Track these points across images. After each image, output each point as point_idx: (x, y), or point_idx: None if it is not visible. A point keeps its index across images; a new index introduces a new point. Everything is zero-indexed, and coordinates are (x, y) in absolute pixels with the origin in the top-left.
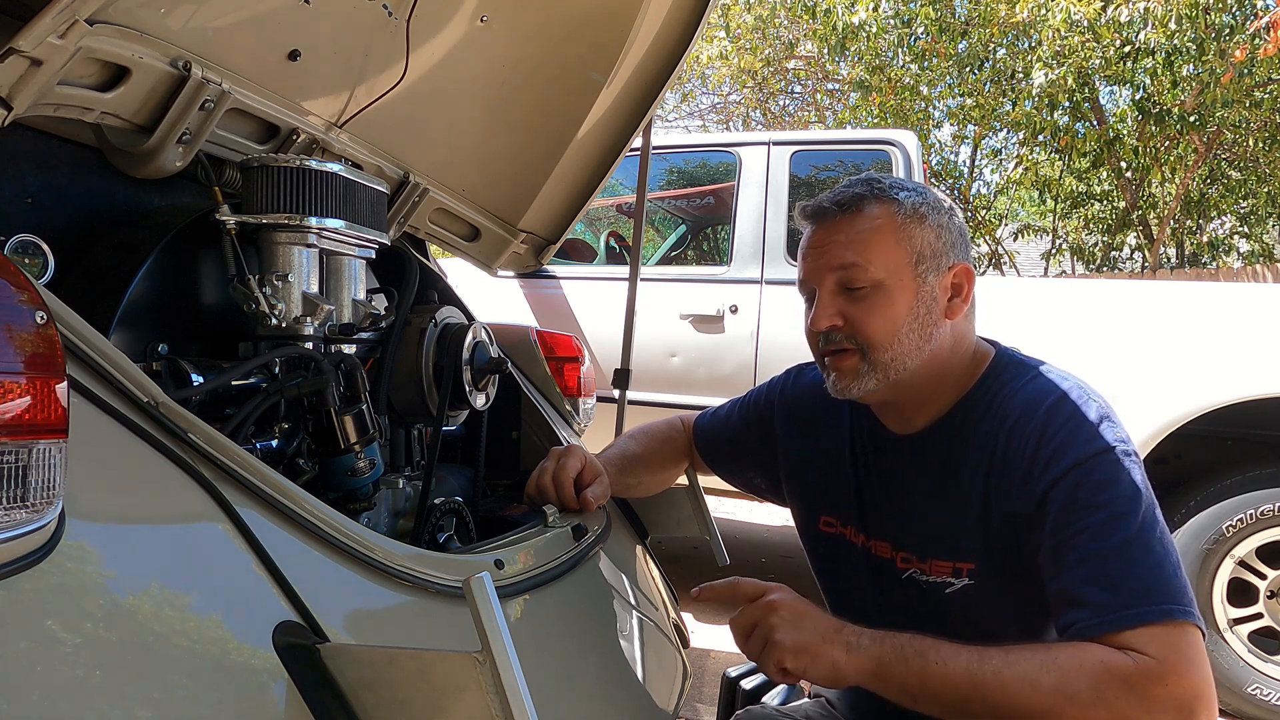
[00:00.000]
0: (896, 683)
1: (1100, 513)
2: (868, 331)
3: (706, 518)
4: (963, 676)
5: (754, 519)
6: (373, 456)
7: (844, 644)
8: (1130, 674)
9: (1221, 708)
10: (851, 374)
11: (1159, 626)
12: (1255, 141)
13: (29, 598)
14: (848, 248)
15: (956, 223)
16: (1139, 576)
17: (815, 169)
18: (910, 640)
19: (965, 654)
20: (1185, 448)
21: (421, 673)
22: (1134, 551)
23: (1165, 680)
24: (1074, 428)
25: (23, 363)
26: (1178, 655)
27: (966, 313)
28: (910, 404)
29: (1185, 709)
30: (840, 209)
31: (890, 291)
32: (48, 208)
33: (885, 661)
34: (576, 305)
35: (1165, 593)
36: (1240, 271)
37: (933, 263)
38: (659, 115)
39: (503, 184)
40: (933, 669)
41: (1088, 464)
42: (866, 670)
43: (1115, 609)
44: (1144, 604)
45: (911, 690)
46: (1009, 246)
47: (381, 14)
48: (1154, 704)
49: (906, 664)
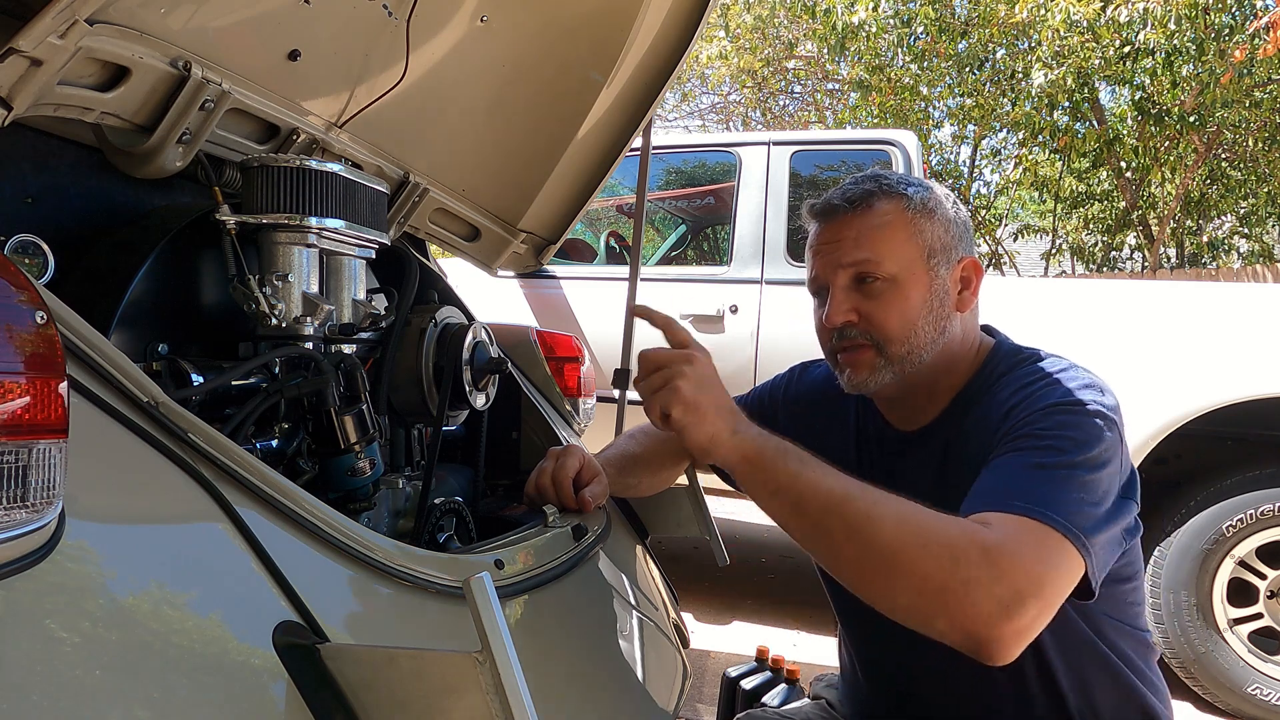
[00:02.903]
0: (765, 477)
1: (1039, 441)
2: (884, 326)
3: (706, 518)
4: (835, 492)
5: (754, 519)
6: (373, 456)
7: (732, 424)
8: (986, 540)
9: (1221, 708)
10: (867, 368)
11: (1034, 522)
12: (1255, 141)
13: (29, 598)
14: (859, 243)
15: (962, 217)
16: (1041, 488)
17: (816, 169)
18: (798, 448)
19: (847, 479)
20: (1185, 448)
21: (421, 673)
22: (1052, 475)
23: (1014, 556)
24: (1053, 386)
25: (23, 362)
26: (1036, 549)
27: (974, 306)
28: (918, 398)
29: (1018, 589)
30: (850, 205)
31: (904, 286)
32: (48, 208)
33: (764, 452)
34: (576, 305)
35: (1058, 508)
36: (1240, 271)
37: (943, 256)
38: (659, 115)
39: (503, 184)
40: (807, 474)
41: (1053, 409)
42: (741, 454)
43: (1003, 499)
44: (1031, 503)
45: (775, 487)
46: (1009, 246)
47: (381, 14)
48: (994, 571)
49: (784, 462)
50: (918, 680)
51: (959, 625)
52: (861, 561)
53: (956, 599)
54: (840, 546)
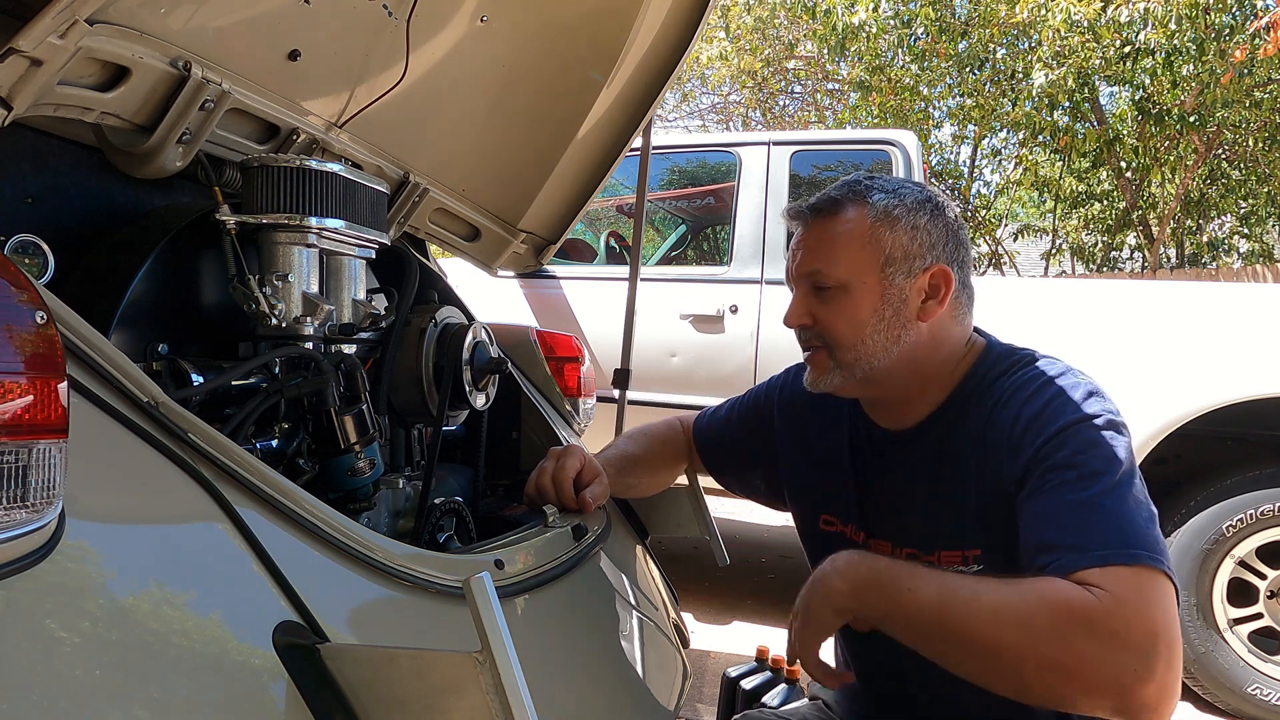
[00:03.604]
0: (871, 613)
1: (1075, 470)
2: (832, 331)
3: (706, 518)
4: (933, 607)
5: (754, 519)
6: (373, 456)
7: (829, 599)
8: (1090, 609)
9: (1221, 708)
10: (820, 369)
11: (1124, 568)
12: (1255, 141)
13: (29, 598)
14: (815, 252)
15: (942, 224)
16: (1108, 524)
17: (815, 169)
18: (889, 565)
19: (936, 581)
20: (1185, 448)
21: (421, 672)
22: (1106, 504)
23: (1125, 618)
24: (1062, 401)
25: (23, 362)
26: (1139, 595)
27: (953, 312)
28: (897, 402)
29: (1142, 648)
30: (813, 214)
31: (854, 294)
32: (48, 208)
33: (861, 593)
34: (576, 305)
35: (1133, 539)
36: (1240, 271)
37: (903, 265)
38: (659, 115)
39: (503, 184)
40: (907, 597)
41: (1070, 429)
42: (853, 600)
43: (1082, 549)
44: (1110, 547)
45: (885, 616)
46: (1009, 246)
47: (381, 14)
48: (1110, 640)
49: (880, 599)
50: (914, 682)
51: (1101, 700)
52: (987, 673)
53: (1083, 678)
54: (962, 664)
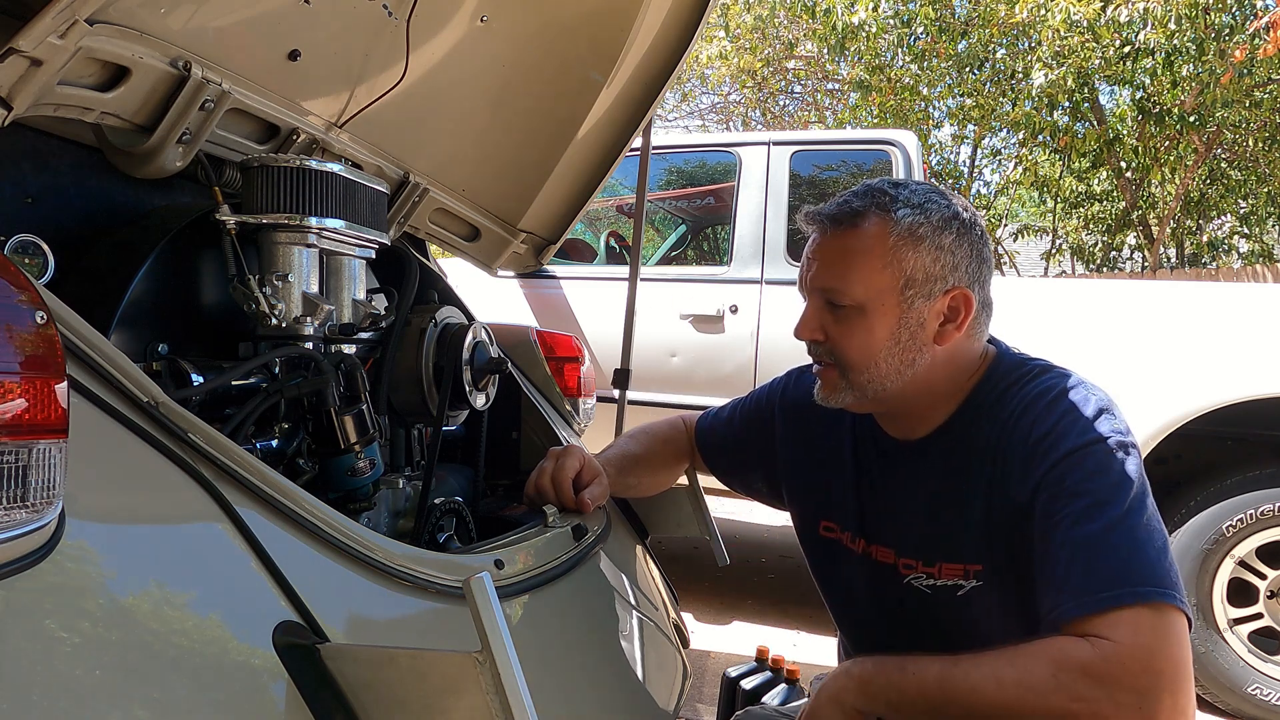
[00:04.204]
0: (882, 698)
1: (1084, 499)
2: (845, 353)
3: (706, 518)
4: (935, 682)
5: (754, 519)
6: (373, 456)
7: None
8: (1088, 660)
9: (1221, 707)
10: (831, 387)
11: (1131, 609)
12: (1255, 141)
13: (29, 598)
14: (832, 267)
15: (967, 243)
16: (1118, 559)
17: (815, 169)
18: (889, 657)
19: (938, 661)
20: (1185, 448)
21: (421, 673)
22: (1115, 536)
23: (1122, 662)
24: (1071, 419)
25: (22, 363)
26: (1142, 638)
27: (971, 333)
28: (908, 415)
29: (1144, 691)
30: (834, 224)
31: (870, 316)
32: (48, 208)
33: (868, 689)
34: (576, 305)
35: (1143, 575)
36: (1240, 271)
37: (923, 288)
38: (659, 115)
39: (503, 184)
40: (909, 679)
41: (1079, 453)
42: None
43: (1090, 591)
44: (1119, 587)
45: (894, 702)
46: (1009, 246)
47: (381, 14)
48: (1113, 687)
49: (887, 678)
50: None
51: None
52: None
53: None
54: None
